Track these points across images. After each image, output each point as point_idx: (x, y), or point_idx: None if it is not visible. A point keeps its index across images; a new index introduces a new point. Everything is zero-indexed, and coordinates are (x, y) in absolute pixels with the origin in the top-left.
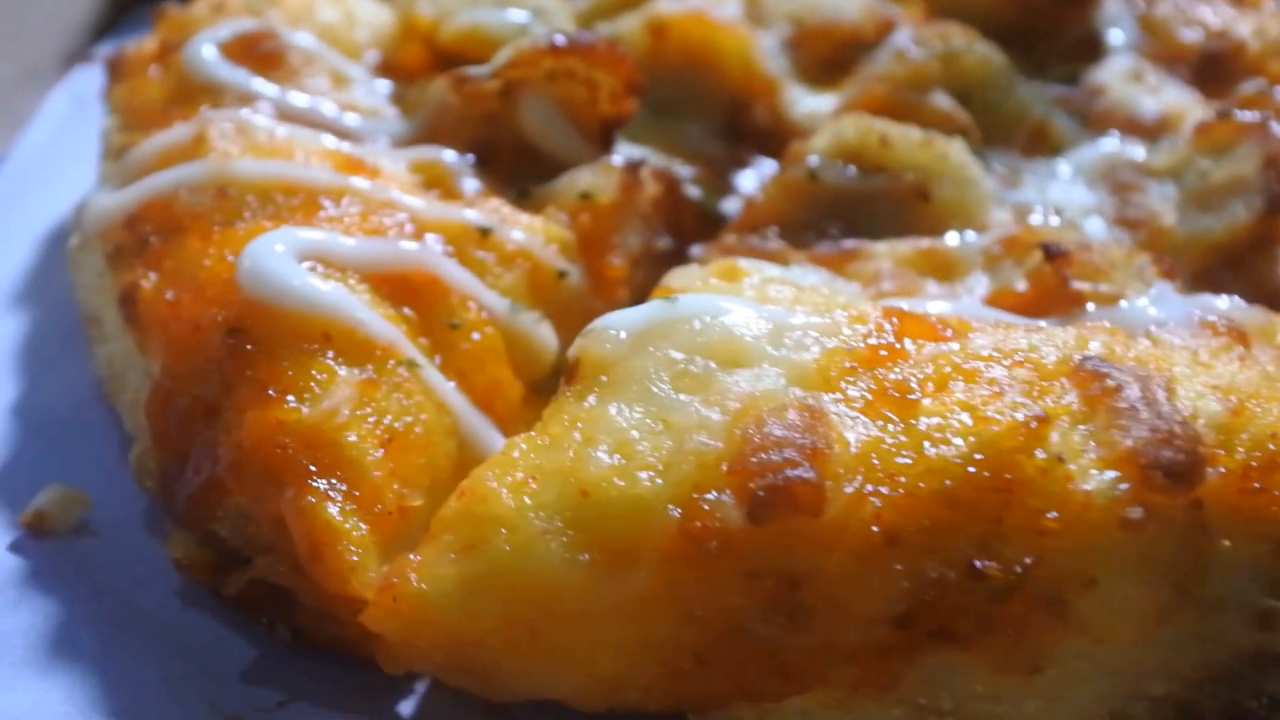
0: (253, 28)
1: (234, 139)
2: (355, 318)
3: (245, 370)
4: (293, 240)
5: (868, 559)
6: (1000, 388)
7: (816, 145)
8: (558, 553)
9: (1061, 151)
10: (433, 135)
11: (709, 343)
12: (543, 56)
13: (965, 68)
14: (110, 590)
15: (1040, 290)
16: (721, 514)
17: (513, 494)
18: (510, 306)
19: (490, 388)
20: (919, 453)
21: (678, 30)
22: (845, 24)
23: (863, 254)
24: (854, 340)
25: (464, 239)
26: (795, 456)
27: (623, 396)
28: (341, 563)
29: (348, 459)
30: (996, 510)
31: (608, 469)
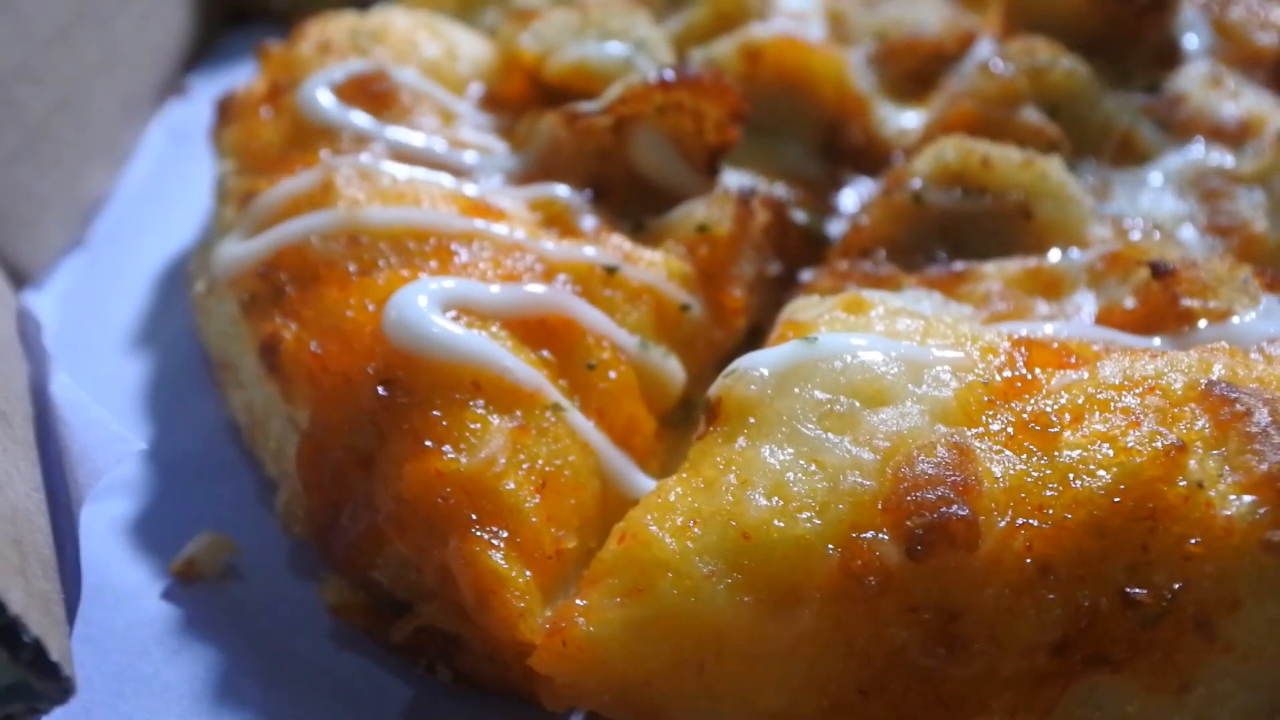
0: (366, 69)
1: (360, 185)
2: (502, 365)
3: (400, 421)
4: (435, 291)
5: (1022, 590)
6: (1135, 416)
7: (919, 168)
8: (723, 595)
9: (1148, 160)
10: (545, 170)
11: (852, 382)
12: (653, 92)
13: (1053, 81)
14: (265, 634)
15: (1150, 308)
16: (880, 552)
17: (675, 538)
18: (640, 343)
19: (628, 425)
20: (1065, 485)
21: (772, 54)
22: (928, 38)
23: (973, 275)
24: (989, 373)
25: (591, 278)
26: (949, 494)
27: (773, 438)
28: (509, 609)
29: (507, 506)
30: (1143, 538)
31: (767, 511)
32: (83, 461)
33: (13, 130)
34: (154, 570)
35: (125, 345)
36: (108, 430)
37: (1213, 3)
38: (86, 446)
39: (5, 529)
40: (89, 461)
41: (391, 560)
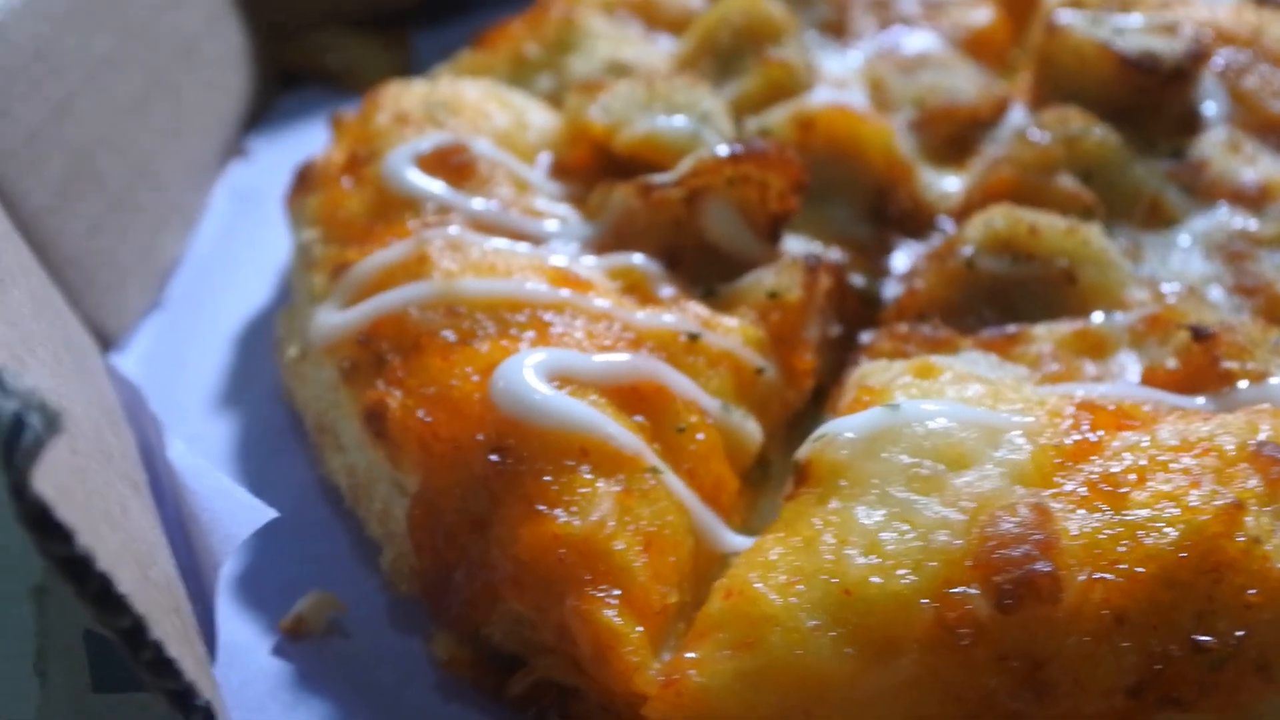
0: (448, 142)
1: (452, 256)
2: (606, 432)
3: (513, 487)
4: (540, 361)
5: (1101, 638)
6: (1194, 477)
7: (970, 235)
8: (829, 647)
9: (1176, 224)
10: (619, 239)
11: (935, 447)
12: (723, 165)
13: (1086, 149)
14: (374, 687)
15: (1192, 369)
16: (972, 605)
17: (780, 595)
18: (722, 406)
19: (715, 484)
20: (1136, 541)
21: (824, 124)
22: (965, 105)
23: (1025, 337)
24: (1058, 437)
25: (674, 345)
26: (1033, 551)
27: (865, 499)
28: (625, 663)
29: (619, 566)
30: (1208, 589)
31: (865, 568)
32: (214, 529)
33: (96, 199)
34: (262, 627)
35: (210, 406)
36: (235, 497)
37: (1229, 71)
38: (217, 513)
39: (165, 598)
40: (221, 529)
41: (505, 617)
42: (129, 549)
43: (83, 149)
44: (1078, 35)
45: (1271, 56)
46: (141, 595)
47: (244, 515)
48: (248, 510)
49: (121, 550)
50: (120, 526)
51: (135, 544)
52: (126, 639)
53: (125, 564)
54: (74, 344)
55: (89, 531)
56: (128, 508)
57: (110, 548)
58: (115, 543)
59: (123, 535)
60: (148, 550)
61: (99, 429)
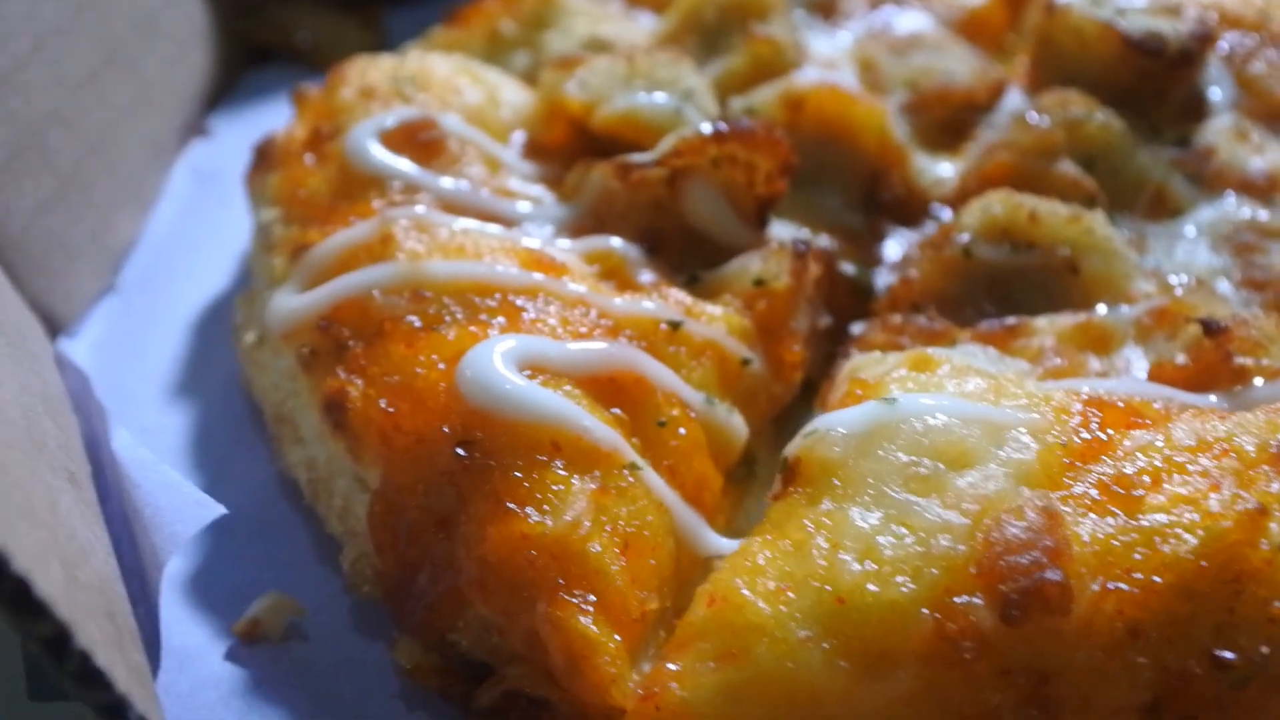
0: (415, 116)
1: (419, 237)
2: (581, 425)
3: (480, 483)
4: (510, 349)
5: (1113, 652)
6: (1213, 479)
7: (967, 222)
8: (820, 659)
9: (1181, 214)
10: (597, 222)
11: (935, 445)
12: (707, 144)
13: (1088, 134)
14: (333, 695)
15: (1203, 365)
16: (975, 616)
17: (768, 602)
18: (706, 399)
19: (698, 482)
20: (1152, 548)
21: (814, 104)
22: (960, 87)
23: (1025, 330)
24: (1066, 435)
25: (655, 334)
26: (1041, 558)
27: (859, 500)
28: (601, 675)
29: (594, 570)
30: (1229, 600)
31: (860, 575)
32: (157, 526)
33: (46, 177)
34: (215, 631)
35: (166, 396)
36: (183, 493)
37: (1235, 55)
38: (161, 509)
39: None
40: (165, 526)
41: (472, 623)
42: (54, 548)
43: (30, 124)
44: (1078, 15)
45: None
46: (67, 599)
47: (190, 512)
48: (194, 506)
49: (44, 549)
50: (44, 523)
51: (63, 543)
52: (48, 647)
53: (47, 564)
54: (11, 326)
55: (3, 528)
56: (58, 503)
57: (29, 546)
58: (36, 541)
59: (46, 533)
60: (79, 549)
61: (33, 417)
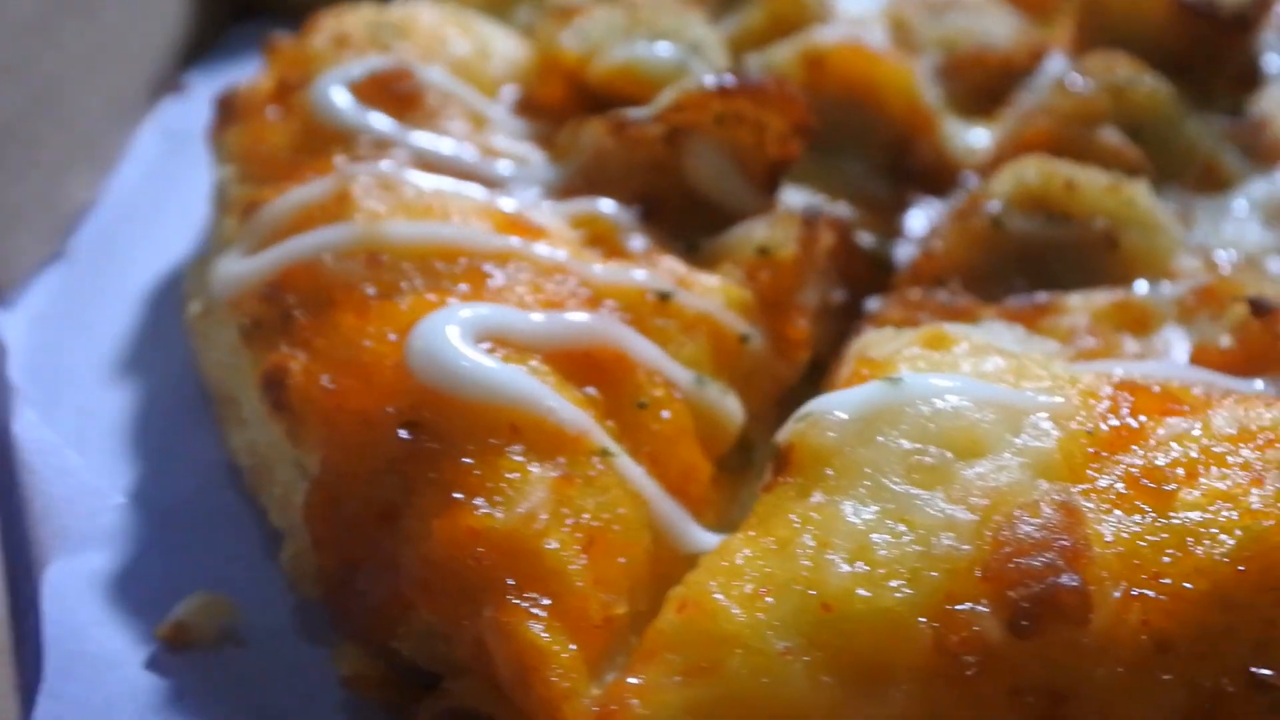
0: (387, 65)
1: (381, 196)
2: (545, 405)
3: (427, 470)
4: (467, 319)
5: (1137, 669)
6: (1256, 473)
7: (998, 190)
8: (802, 674)
9: (1232, 187)
10: (588, 184)
11: (942, 430)
12: (711, 99)
13: (1136, 100)
14: (267, 709)
15: (1249, 348)
16: (980, 626)
17: (745, 609)
18: (696, 378)
19: (682, 470)
20: (1184, 550)
21: (836, 62)
22: (998, 50)
23: (1056, 308)
24: (1092, 421)
25: (642, 305)
26: (1056, 560)
27: (853, 493)
28: (552, 689)
29: (550, 569)
30: (1269, 611)
31: (849, 578)
32: (47, 517)
33: None
34: (138, 636)
35: (110, 374)
36: (80, 480)
37: None
38: (53, 499)
39: None
40: (56, 518)
41: (416, 629)
42: None
43: None
44: None
45: None
46: None
47: (85, 503)
48: (91, 496)
49: None
50: None
51: None
52: None
53: None
54: None
55: None
56: None
57: None
58: None
59: None
60: None
61: None
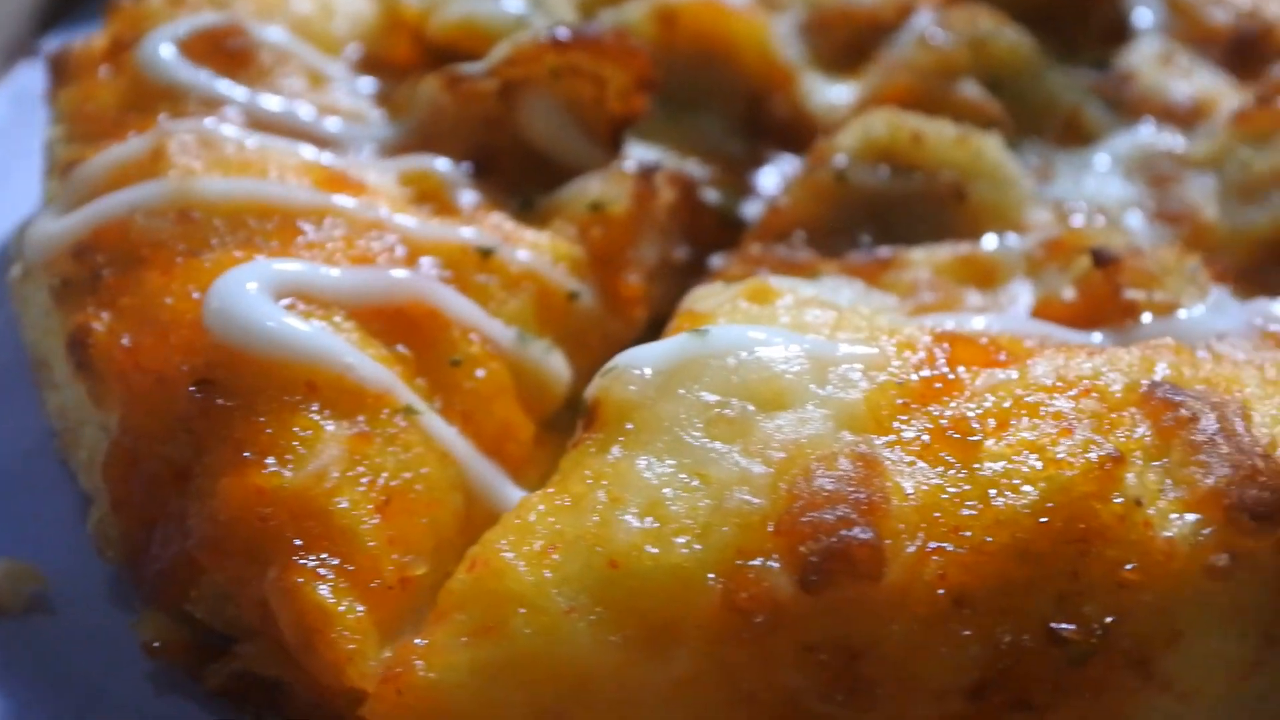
0: (217, 21)
1: (197, 153)
2: (343, 362)
3: (218, 429)
4: (267, 274)
5: (934, 625)
6: (1067, 423)
7: (844, 143)
8: (586, 633)
9: (1095, 141)
10: (424, 141)
11: (745, 382)
12: (545, 52)
13: (995, 54)
14: (74, 677)
15: (1090, 300)
16: (770, 582)
17: (531, 567)
18: (517, 336)
19: (499, 430)
20: (985, 502)
21: (689, 18)
22: (864, 5)
23: (899, 262)
24: (904, 372)
25: (463, 261)
26: (850, 513)
27: (651, 448)
28: (337, 651)
29: (340, 529)
30: (1072, 563)
31: (638, 534)
32: None
33: None
34: None
35: None
36: None
37: None
38: None
39: None
40: None
41: (208, 591)
42: None
43: None
44: None
45: None
46: None
47: None
48: None
49: None
50: None
51: None
52: None
53: None
54: None
55: None
56: None
57: None
58: None
59: None
60: None
61: None
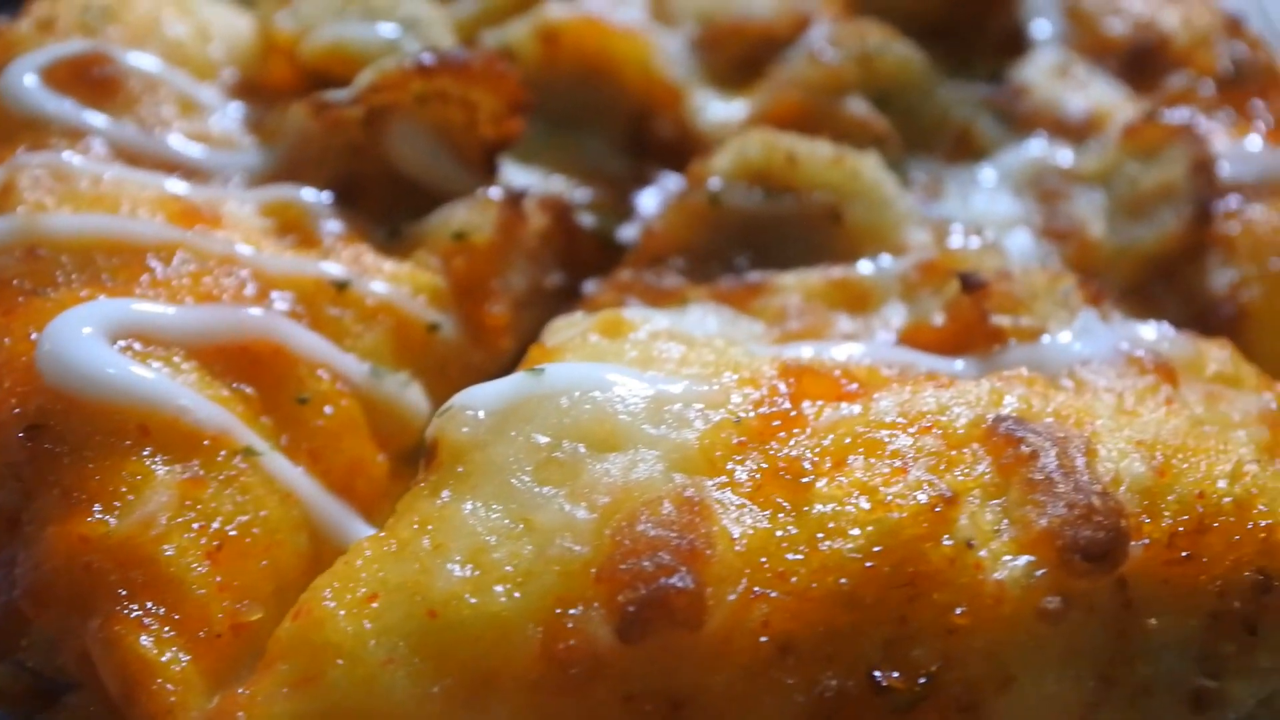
0: (82, 50)
1: (50, 187)
2: (177, 405)
3: (47, 475)
4: (104, 315)
5: (758, 673)
6: (903, 461)
7: (718, 166)
8: (405, 685)
9: (986, 156)
10: (292, 168)
11: (578, 423)
12: (410, 78)
13: (883, 69)
14: None
15: (958, 325)
16: (589, 631)
17: (351, 616)
18: (371, 370)
19: (349, 467)
20: (812, 546)
21: (570, 37)
22: (758, 21)
23: (769, 287)
24: (743, 410)
25: (316, 296)
26: (670, 560)
27: (480, 492)
28: (158, 703)
29: (166, 576)
30: (900, 608)
31: (459, 583)
32: None
33: None
34: None
35: None
36: None
37: None
38: None
39: None
40: None
41: (40, 640)
42: None
43: None
44: None
45: None
46: None
47: None
48: None
49: None
50: None
51: None
52: None
53: None
54: None
55: None
56: None
57: None
58: None
59: None
60: None
61: None
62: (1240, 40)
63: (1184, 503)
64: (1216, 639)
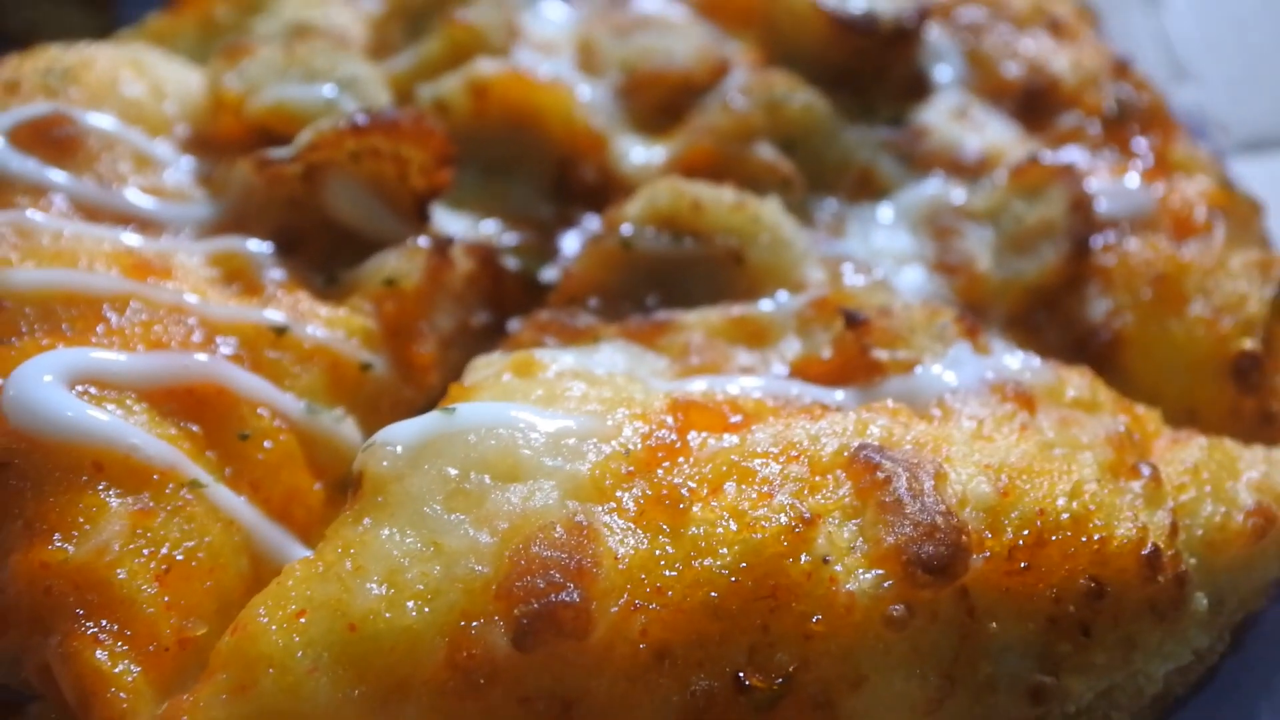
0: (44, 111)
1: (15, 243)
2: (128, 443)
3: (11, 508)
4: (63, 363)
5: (637, 677)
6: (771, 487)
7: (630, 212)
8: (327, 691)
9: (886, 196)
10: (238, 220)
11: (484, 457)
12: (344, 137)
13: (789, 116)
14: None
15: (843, 359)
16: (488, 641)
17: (281, 630)
18: (308, 407)
19: (287, 496)
20: (687, 564)
21: (498, 90)
22: (678, 70)
23: (673, 326)
24: (633, 442)
25: (257, 340)
26: (559, 579)
27: (396, 519)
28: (111, 709)
29: (119, 597)
30: (763, 618)
31: (376, 600)
32: None
33: None
34: None
35: None
36: None
37: (967, 32)
38: None
39: None
40: None
41: (5, 656)
42: None
43: None
44: None
45: (1011, 15)
46: None
47: None
48: None
49: None
50: None
51: None
52: None
53: None
54: None
55: None
56: None
57: None
58: None
59: None
60: None
61: None
62: (1126, 81)
63: (1025, 519)
64: (1054, 640)
